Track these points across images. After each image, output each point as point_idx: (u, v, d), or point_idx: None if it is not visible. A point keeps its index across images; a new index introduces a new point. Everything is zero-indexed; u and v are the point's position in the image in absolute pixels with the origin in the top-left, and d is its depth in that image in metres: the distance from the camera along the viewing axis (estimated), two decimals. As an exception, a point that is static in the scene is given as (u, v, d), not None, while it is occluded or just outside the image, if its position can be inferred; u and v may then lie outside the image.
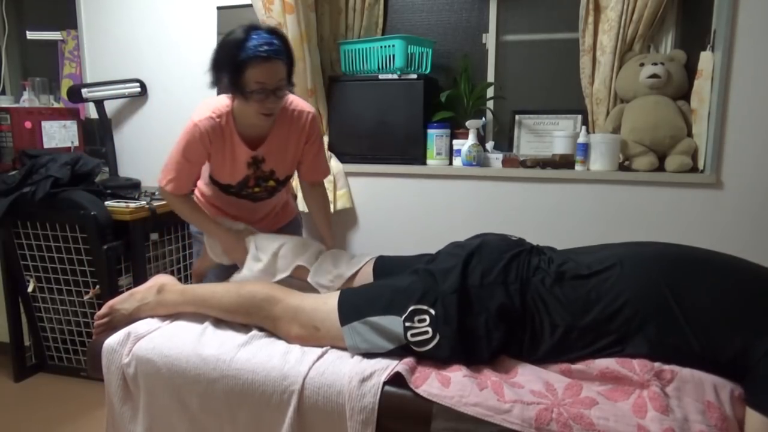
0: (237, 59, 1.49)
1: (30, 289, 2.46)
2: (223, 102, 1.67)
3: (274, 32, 1.54)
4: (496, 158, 2.43)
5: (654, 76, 2.18)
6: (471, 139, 2.39)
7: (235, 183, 1.78)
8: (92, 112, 2.86)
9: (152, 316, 1.52)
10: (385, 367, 1.22)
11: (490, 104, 2.59)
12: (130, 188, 2.66)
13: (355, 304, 1.34)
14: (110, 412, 1.42)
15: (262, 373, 1.26)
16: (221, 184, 1.80)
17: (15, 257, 2.42)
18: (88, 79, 2.92)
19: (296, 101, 1.76)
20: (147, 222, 2.32)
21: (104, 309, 1.53)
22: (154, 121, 2.86)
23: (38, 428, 2.11)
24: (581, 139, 2.27)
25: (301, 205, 2.44)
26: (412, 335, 1.25)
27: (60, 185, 2.27)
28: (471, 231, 1.65)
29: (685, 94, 2.26)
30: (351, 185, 2.58)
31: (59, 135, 2.68)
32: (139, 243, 2.32)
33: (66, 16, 2.94)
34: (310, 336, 1.35)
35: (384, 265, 1.58)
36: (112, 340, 1.41)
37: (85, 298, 2.35)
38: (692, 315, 1.12)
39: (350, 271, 1.61)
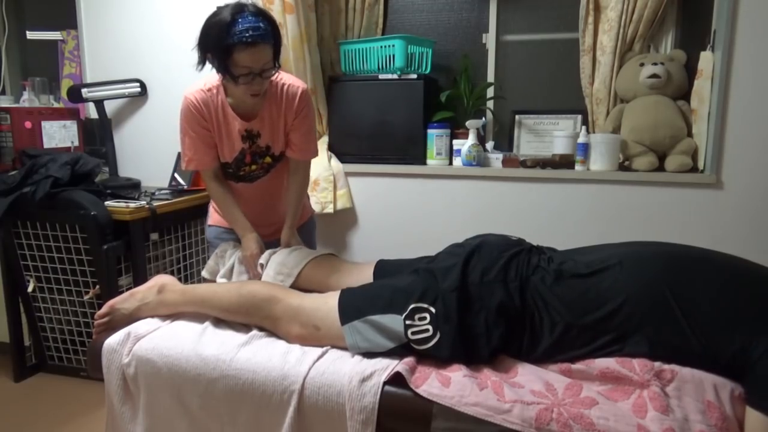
0: (223, 43, 1.50)
1: (30, 289, 2.46)
2: (214, 76, 1.70)
3: (261, 14, 1.54)
4: (496, 158, 2.43)
5: (654, 76, 2.18)
6: (471, 139, 2.39)
7: (232, 160, 1.79)
8: (92, 112, 2.86)
9: (152, 316, 1.52)
10: (386, 366, 1.22)
11: (490, 104, 2.59)
12: (130, 188, 2.66)
13: (355, 303, 1.34)
14: (110, 412, 1.42)
15: (263, 372, 1.26)
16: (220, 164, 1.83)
17: (15, 257, 2.42)
18: (88, 79, 2.92)
19: (287, 77, 1.78)
20: (147, 222, 2.32)
21: (104, 309, 1.53)
22: (154, 121, 2.86)
23: (38, 428, 2.11)
24: (581, 139, 2.27)
25: (317, 207, 2.44)
26: (413, 333, 1.25)
27: (60, 185, 2.27)
28: (471, 231, 1.64)
29: (685, 94, 2.26)
30: (351, 185, 2.58)
31: (59, 135, 2.68)
32: (139, 243, 2.32)
33: (66, 16, 2.94)
34: (311, 335, 1.35)
35: (384, 269, 1.59)
36: (112, 340, 1.41)
37: (85, 298, 2.35)
38: (692, 314, 1.12)
39: (297, 269, 1.64)
